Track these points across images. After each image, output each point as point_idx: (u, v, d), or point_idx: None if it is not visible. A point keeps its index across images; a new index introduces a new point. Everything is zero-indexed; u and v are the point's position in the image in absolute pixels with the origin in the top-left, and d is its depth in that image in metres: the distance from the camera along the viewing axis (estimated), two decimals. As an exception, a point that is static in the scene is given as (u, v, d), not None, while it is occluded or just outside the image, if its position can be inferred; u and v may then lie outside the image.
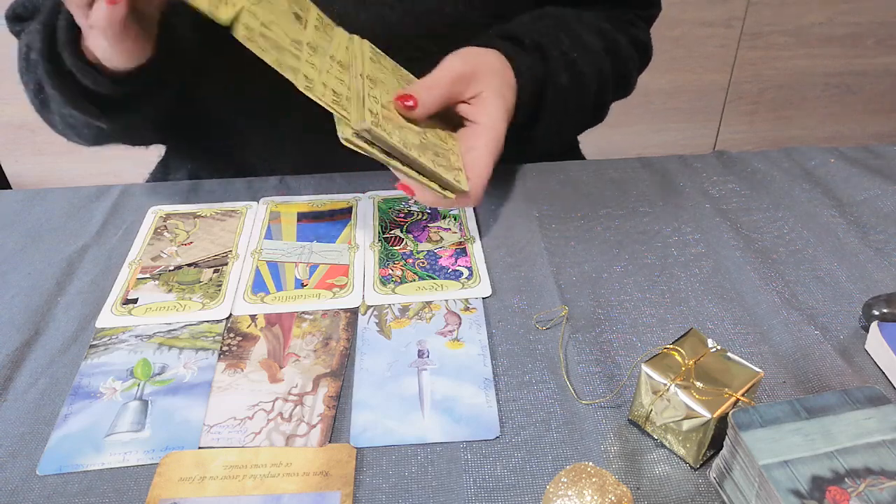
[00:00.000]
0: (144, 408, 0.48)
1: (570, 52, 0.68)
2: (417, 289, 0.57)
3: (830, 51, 1.94)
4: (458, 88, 0.59)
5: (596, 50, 0.71)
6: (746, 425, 0.39)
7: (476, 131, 0.60)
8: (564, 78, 0.67)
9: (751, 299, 0.56)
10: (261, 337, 0.53)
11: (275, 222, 0.65)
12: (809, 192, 0.68)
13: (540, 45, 0.66)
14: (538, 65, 0.66)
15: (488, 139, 0.59)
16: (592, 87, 0.71)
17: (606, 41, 0.72)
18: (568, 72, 0.68)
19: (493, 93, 0.60)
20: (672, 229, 0.64)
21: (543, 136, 0.70)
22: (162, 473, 0.44)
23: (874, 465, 0.37)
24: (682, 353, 0.44)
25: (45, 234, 0.64)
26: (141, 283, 0.58)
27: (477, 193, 0.58)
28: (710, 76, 1.95)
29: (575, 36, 0.69)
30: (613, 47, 0.73)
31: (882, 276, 0.58)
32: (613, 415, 0.47)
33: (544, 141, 0.70)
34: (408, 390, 0.49)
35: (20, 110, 1.83)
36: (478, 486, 0.43)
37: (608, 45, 0.72)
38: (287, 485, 0.43)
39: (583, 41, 0.70)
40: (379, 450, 0.45)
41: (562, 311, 0.55)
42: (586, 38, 0.70)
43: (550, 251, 0.61)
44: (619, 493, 0.37)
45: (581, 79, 0.69)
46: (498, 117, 0.60)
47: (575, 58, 0.68)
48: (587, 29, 0.71)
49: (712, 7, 1.82)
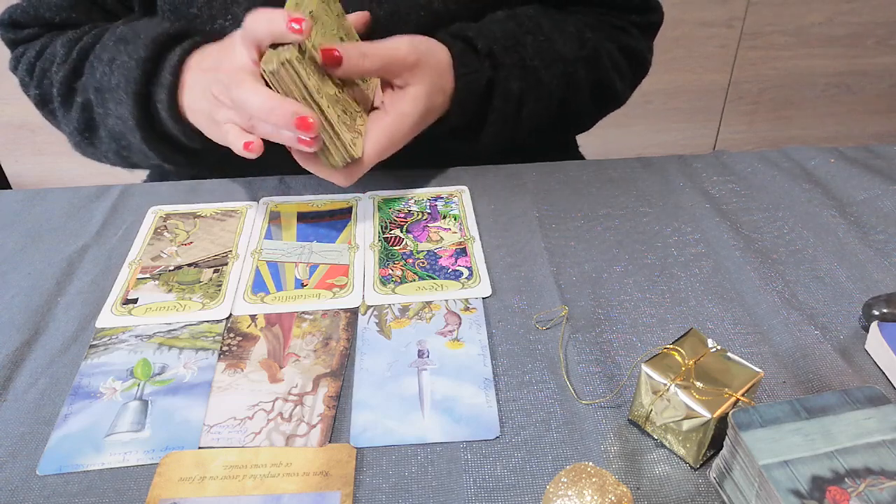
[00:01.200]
0: (144, 408, 0.48)
1: (531, 59, 0.67)
2: (417, 289, 0.57)
3: (830, 51, 1.94)
4: (392, 70, 0.59)
5: (567, 58, 0.70)
6: (746, 425, 0.39)
7: (379, 117, 0.60)
8: (516, 85, 0.67)
9: (751, 299, 0.56)
10: (261, 337, 0.53)
11: (275, 222, 0.65)
12: (809, 192, 0.68)
13: (492, 52, 0.66)
14: (484, 70, 0.65)
15: (384, 129, 0.60)
16: (556, 95, 0.70)
17: (586, 49, 0.71)
18: (522, 79, 0.67)
19: (420, 91, 0.61)
20: (672, 229, 0.64)
21: (492, 140, 0.69)
22: (162, 473, 0.44)
23: (874, 465, 0.37)
24: (682, 353, 0.44)
25: (45, 234, 0.64)
26: (141, 283, 0.58)
27: (354, 174, 0.59)
28: (710, 76, 1.95)
29: (543, 41, 0.69)
30: (593, 55, 0.72)
31: (882, 276, 0.58)
32: (613, 415, 0.47)
33: (494, 141, 0.70)
34: (408, 390, 0.49)
35: (20, 110, 1.83)
36: (478, 486, 0.43)
37: (587, 54, 0.71)
38: (287, 485, 0.43)
39: (551, 48, 0.69)
40: (379, 450, 0.45)
41: (562, 311, 0.55)
42: (558, 45, 0.69)
43: (550, 251, 0.61)
44: (619, 493, 0.37)
45: (539, 86, 0.68)
46: (408, 116, 0.60)
47: (535, 66, 0.68)
48: (563, 35, 0.70)
49: (712, 7, 1.83)
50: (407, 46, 0.60)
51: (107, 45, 0.65)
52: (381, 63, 0.59)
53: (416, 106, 0.61)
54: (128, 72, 0.62)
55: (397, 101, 0.61)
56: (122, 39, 0.64)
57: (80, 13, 0.72)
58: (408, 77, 0.60)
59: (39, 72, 0.70)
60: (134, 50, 0.62)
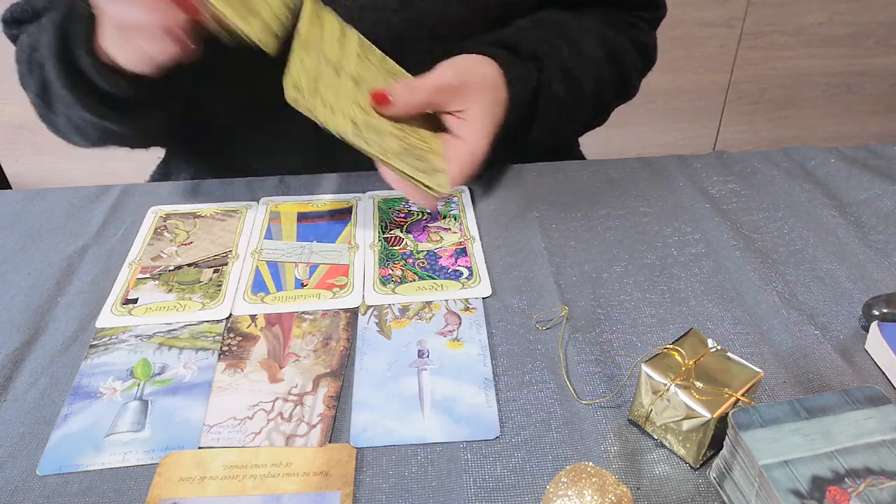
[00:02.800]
0: (144, 408, 0.48)
1: (568, 61, 0.68)
2: (417, 289, 0.57)
3: (830, 51, 1.94)
4: (443, 99, 0.59)
5: (596, 58, 0.71)
6: (746, 425, 0.39)
7: (454, 146, 0.60)
8: (559, 87, 0.67)
9: (751, 299, 0.56)
10: (261, 337, 0.53)
11: (275, 222, 0.65)
12: (809, 192, 0.68)
13: (536, 54, 0.66)
14: (532, 75, 0.66)
15: (465, 156, 0.59)
16: (589, 96, 0.71)
17: (608, 48, 0.72)
18: (563, 81, 0.67)
19: (480, 111, 0.60)
20: (672, 229, 0.64)
21: (535, 141, 0.70)
22: (162, 473, 0.44)
23: (874, 465, 0.37)
24: (682, 353, 0.44)
25: (45, 234, 0.64)
26: (141, 283, 0.58)
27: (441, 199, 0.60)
28: (710, 76, 1.95)
29: (574, 44, 0.69)
30: (615, 54, 0.73)
31: (882, 276, 0.58)
32: (613, 415, 0.47)
33: (536, 145, 0.70)
34: (408, 390, 0.49)
35: (20, 110, 1.83)
36: (478, 486, 0.43)
37: (610, 53, 0.72)
38: (287, 485, 0.43)
39: (582, 50, 0.70)
40: (379, 450, 0.45)
41: (562, 311, 0.55)
42: (586, 47, 0.70)
43: (550, 251, 0.61)
44: (619, 493, 0.37)
45: (577, 88, 0.69)
46: (481, 136, 0.60)
47: (572, 67, 0.68)
48: (587, 36, 0.71)
49: (712, 7, 1.83)
50: (450, 71, 0.60)
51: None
52: (428, 93, 0.59)
53: (484, 126, 0.60)
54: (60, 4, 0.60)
55: (464, 127, 0.60)
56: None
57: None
58: (463, 101, 0.60)
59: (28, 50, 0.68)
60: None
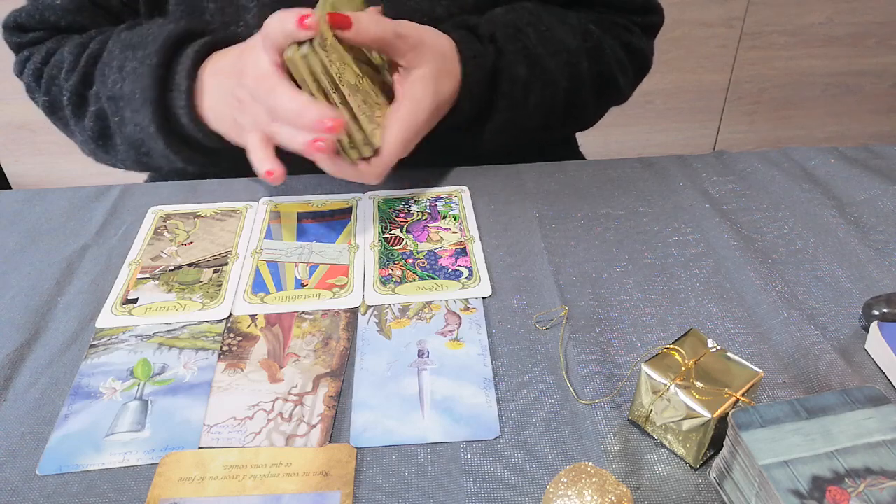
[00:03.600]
0: (144, 408, 0.48)
1: (535, 47, 0.68)
2: (417, 289, 0.57)
3: (830, 51, 1.94)
4: (400, 44, 0.58)
5: (570, 48, 0.70)
6: (746, 425, 0.39)
7: (395, 106, 0.60)
8: (522, 70, 0.67)
9: (751, 299, 0.56)
10: (261, 337, 0.53)
11: (275, 222, 0.65)
12: (809, 192, 0.68)
13: (494, 36, 0.66)
14: (488, 56, 0.66)
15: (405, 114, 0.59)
16: (561, 84, 0.70)
17: (589, 42, 0.72)
18: (528, 65, 0.67)
19: (428, 73, 0.60)
20: (672, 229, 0.64)
21: (501, 130, 0.69)
22: (162, 473, 0.44)
23: (874, 465, 0.37)
24: (682, 353, 0.44)
25: (45, 234, 0.64)
26: (141, 283, 0.58)
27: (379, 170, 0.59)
28: (710, 76, 1.95)
29: (544, 32, 0.69)
30: (597, 49, 0.72)
31: (882, 276, 0.58)
32: (613, 415, 0.47)
33: (503, 133, 0.70)
34: (408, 390, 0.49)
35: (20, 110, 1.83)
36: (478, 486, 0.43)
37: (592, 47, 0.72)
38: (287, 485, 0.43)
39: (554, 38, 0.69)
40: (379, 450, 0.45)
41: (562, 311, 0.55)
42: (560, 35, 0.70)
43: (550, 251, 0.61)
44: (619, 493, 0.37)
45: (545, 73, 0.68)
46: (423, 99, 0.60)
47: (540, 53, 0.68)
48: (565, 27, 0.71)
49: (712, 7, 1.83)
50: (411, 26, 0.60)
51: (114, 52, 0.65)
52: (390, 30, 0.57)
53: (427, 88, 0.60)
54: (141, 79, 0.62)
55: (408, 88, 0.60)
56: (129, 45, 0.64)
57: (85, 17, 0.72)
58: (412, 58, 0.59)
59: (47, 78, 0.70)
60: (144, 56, 0.62)
